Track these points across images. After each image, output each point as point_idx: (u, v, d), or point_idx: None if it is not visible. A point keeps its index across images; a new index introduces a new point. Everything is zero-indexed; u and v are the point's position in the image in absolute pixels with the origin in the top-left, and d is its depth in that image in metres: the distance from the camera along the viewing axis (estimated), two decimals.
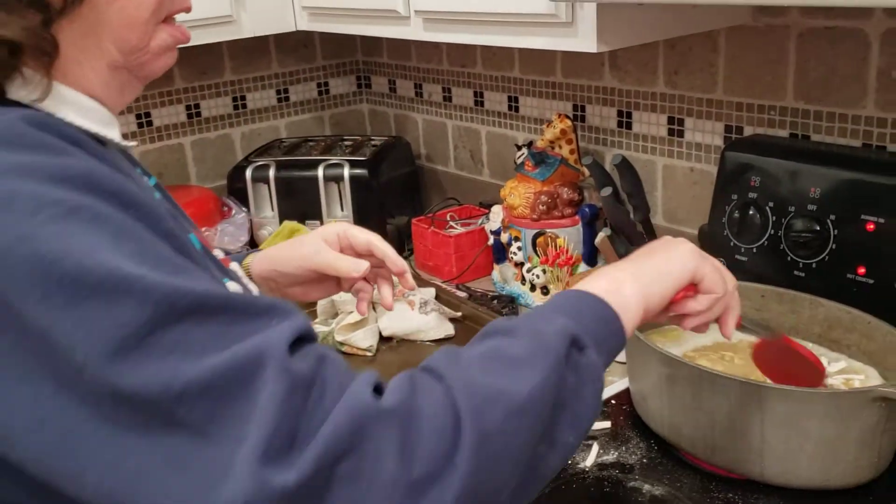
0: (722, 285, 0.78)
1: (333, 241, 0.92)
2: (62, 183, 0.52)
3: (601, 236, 1.44)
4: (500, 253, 1.67)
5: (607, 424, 1.14)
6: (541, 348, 0.61)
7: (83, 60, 0.63)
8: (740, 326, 0.86)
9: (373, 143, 2.03)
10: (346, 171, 1.86)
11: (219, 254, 0.84)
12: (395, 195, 1.98)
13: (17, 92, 0.58)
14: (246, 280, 0.85)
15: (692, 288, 0.78)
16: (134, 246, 0.52)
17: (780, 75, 1.32)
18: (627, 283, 0.72)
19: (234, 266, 0.88)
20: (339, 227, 0.93)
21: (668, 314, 0.79)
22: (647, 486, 1.01)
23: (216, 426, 0.49)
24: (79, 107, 0.63)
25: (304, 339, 0.55)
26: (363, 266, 0.89)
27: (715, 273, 0.77)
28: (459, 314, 1.52)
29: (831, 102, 1.26)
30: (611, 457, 1.07)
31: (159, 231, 0.56)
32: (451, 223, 1.81)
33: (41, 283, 0.48)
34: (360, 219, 1.87)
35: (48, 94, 0.59)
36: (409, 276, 0.94)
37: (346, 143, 2.04)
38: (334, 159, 1.89)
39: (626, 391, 1.20)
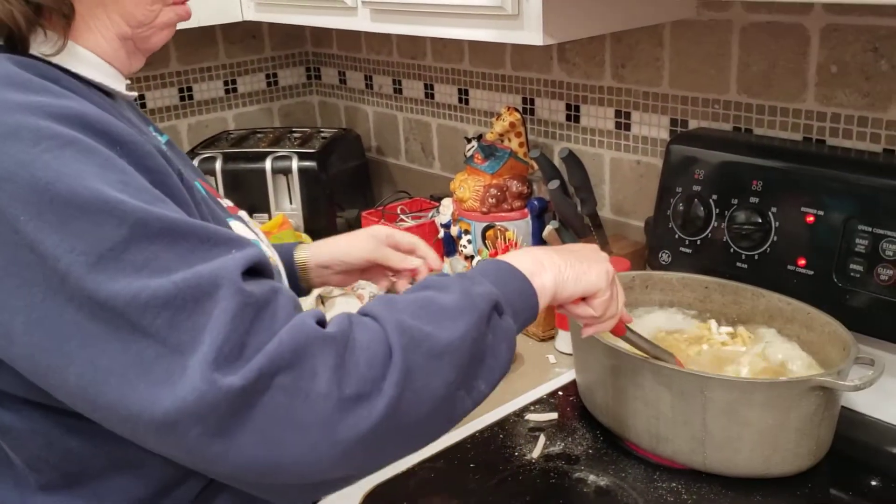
0: (602, 311, 0.87)
1: (383, 239, 1.08)
2: (60, 120, 0.60)
3: (549, 229, 1.44)
4: (450, 246, 1.66)
5: (554, 416, 1.14)
6: (467, 306, 0.70)
7: (94, 28, 0.73)
8: (622, 337, 0.98)
9: (322, 135, 2.01)
10: (295, 164, 1.84)
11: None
12: (345, 188, 1.96)
13: (38, 47, 0.68)
14: (257, 229, 0.94)
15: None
16: (117, 176, 0.60)
17: (723, 69, 1.33)
18: (549, 273, 0.81)
19: (242, 214, 0.95)
20: (387, 230, 1.09)
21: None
22: (592, 477, 1.01)
23: (176, 334, 0.58)
24: (90, 63, 0.73)
25: (258, 270, 0.65)
26: (414, 263, 1.06)
27: (605, 301, 0.87)
28: None
29: (772, 96, 1.28)
30: (557, 448, 1.07)
31: (141, 167, 0.64)
32: (402, 216, 1.80)
33: (37, 203, 0.57)
34: (310, 212, 1.86)
35: (62, 49, 0.69)
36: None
37: (296, 135, 2.02)
38: (282, 151, 1.87)
39: (573, 383, 1.21)
